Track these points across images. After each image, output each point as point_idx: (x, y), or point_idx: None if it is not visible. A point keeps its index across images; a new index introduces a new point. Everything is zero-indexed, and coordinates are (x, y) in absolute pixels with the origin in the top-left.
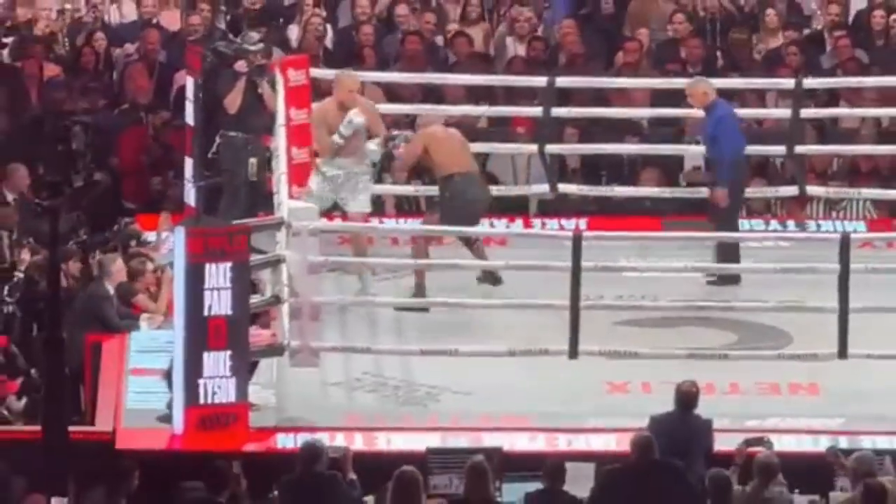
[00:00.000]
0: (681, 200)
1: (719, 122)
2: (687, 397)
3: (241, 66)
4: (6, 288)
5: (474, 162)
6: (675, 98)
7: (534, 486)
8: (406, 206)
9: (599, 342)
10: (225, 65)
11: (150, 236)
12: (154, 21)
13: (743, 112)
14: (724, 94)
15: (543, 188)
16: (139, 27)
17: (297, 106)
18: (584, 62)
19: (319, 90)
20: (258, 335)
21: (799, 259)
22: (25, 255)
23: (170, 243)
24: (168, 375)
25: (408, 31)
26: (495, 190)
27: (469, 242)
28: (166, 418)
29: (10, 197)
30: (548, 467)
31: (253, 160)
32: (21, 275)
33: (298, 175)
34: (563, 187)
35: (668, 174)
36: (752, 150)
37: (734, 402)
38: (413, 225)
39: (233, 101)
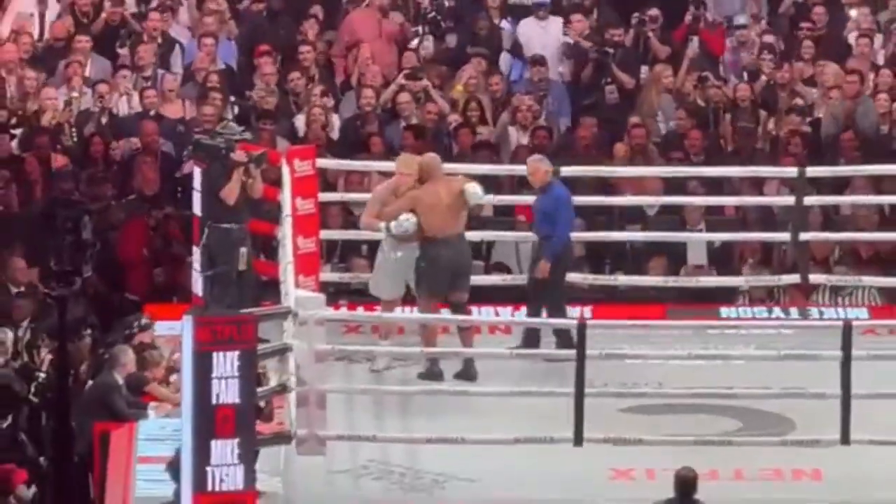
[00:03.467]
0: (684, 288)
1: (559, 201)
2: (685, 483)
3: (239, 156)
4: (31, 387)
5: (459, 222)
6: (681, 186)
7: None
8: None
9: (604, 429)
10: (213, 157)
11: (161, 327)
12: (152, 112)
13: (748, 200)
14: (730, 181)
15: None
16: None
17: (302, 196)
18: (596, 155)
19: (326, 180)
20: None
21: (802, 346)
22: (45, 355)
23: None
24: (172, 465)
25: (408, 125)
26: (500, 279)
27: (459, 327)
28: None
29: (12, 290)
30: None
31: (243, 250)
32: (44, 374)
33: (305, 265)
34: (568, 276)
35: (672, 263)
36: (757, 237)
37: (738, 488)
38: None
39: (231, 192)
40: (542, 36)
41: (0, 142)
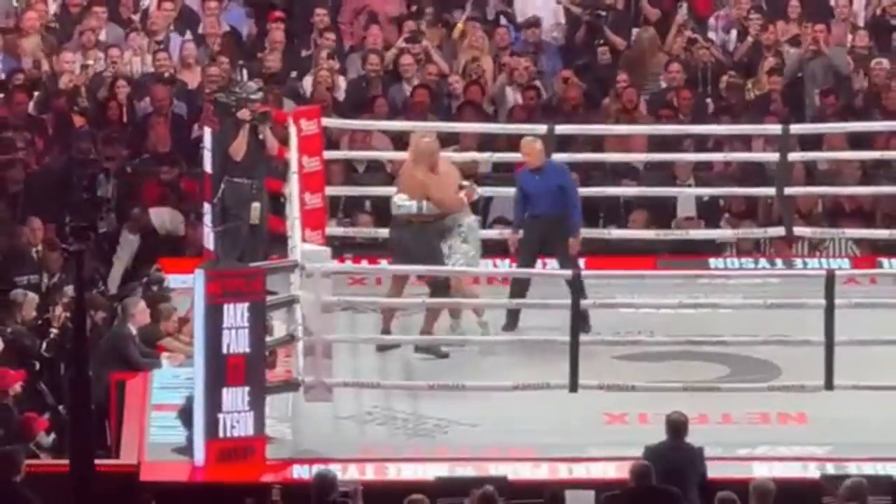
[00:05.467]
0: (673, 241)
1: (569, 177)
2: (676, 426)
3: (243, 114)
4: (44, 344)
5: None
6: (670, 143)
7: None
8: None
9: (598, 376)
10: (226, 114)
11: (174, 281)
12: (166, 75)
13: (735, 156)
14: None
15: None
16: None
17: (308, 154)
18: (584, 111)
19: (331, 139)
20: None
21: (787, 295)
22: (59, 311)
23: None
24: (183, 412)
25: (416, 85)
26: (496, 233)
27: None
28: (182, 450)
29: (31, 249)
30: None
31: (256, 205)
32: (56, 331)
33: (311, 220)
34: None
35: (661, 216)
36: (744, 191)
37: (726, 431)
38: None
39: (237, 148)
40: (536, 3)
41: (20, 103)
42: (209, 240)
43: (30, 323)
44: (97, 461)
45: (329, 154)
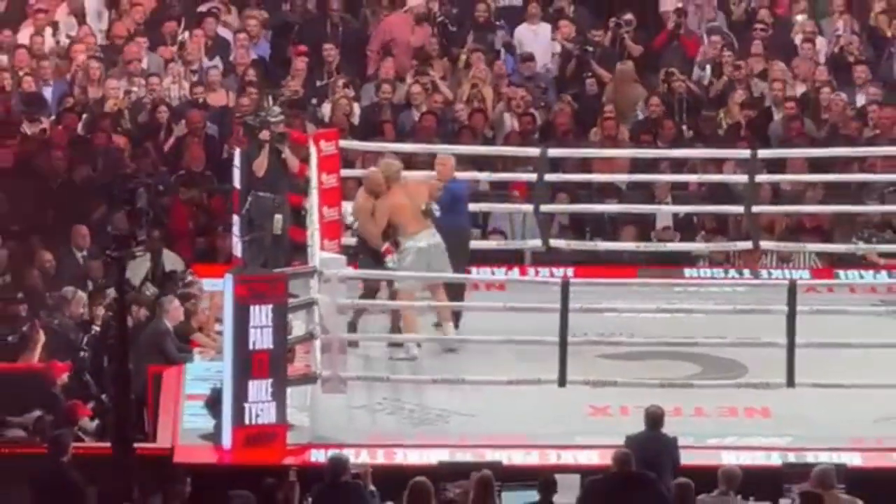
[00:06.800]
0: (653, 253)
1: (460, 196)
2: (654, 418)
3: (264, 135)
4: (84, 339)
5: None
6: (650, 166)
7: (530, 494)
8: None
9: (584, 372)
10: (252, 135)
11: (205, 284)
12: (200, 101)
13: (708, 177)
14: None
15: (537, 243)
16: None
17: (327, 172)
18: (574, 136)
19: (347, 159)
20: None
21: (753, 302)
22: (100, 311)
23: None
24: (208, 402)
25: (424, 111)
26: (495, 244)
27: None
28: (210, 436)
29: (77, 254)
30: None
31: (278, 217)
32: (97, 328)
33: (329, 231)
34: (554, 242)
35: (643, 230)
36: (716, 209)
37: (698, 423)
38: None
39: (259, 165)
40: (534, 40)
41: (71, 123)
42: (237, 248)
43: (77, 319)
44: (136, 445)
45: (345, 172)
